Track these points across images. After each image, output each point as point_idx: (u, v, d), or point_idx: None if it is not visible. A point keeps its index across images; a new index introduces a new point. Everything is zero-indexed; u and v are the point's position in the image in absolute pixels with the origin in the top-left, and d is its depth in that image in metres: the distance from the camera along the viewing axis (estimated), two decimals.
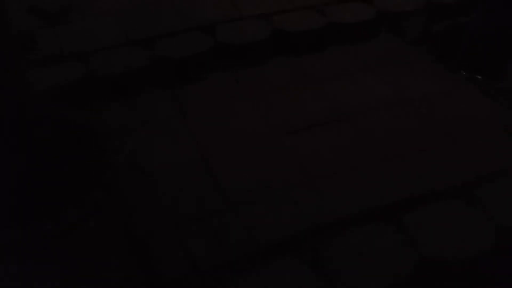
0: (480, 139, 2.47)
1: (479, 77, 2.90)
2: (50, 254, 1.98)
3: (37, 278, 1.89)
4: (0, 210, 2.09)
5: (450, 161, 2.34)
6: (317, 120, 2.58)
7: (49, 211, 2.09)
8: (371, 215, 2.08)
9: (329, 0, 3.31)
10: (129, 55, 2.87)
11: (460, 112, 2.64)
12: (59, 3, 3.24)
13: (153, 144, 2.46)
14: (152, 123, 2.59)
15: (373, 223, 2.02)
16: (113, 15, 3.20)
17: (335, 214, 2.09)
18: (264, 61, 3.00)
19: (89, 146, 2.44)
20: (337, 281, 1.82)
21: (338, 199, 2.16)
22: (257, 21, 3.12)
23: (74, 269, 1.94)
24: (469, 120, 2.59)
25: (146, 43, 2.95)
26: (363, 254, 1.91)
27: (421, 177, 2.25)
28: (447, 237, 1.95)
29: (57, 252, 1.99)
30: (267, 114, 2.63)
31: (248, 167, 2.33)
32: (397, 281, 1.82)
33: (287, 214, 2.10)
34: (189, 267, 1.92)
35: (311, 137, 2.48)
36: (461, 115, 2.62)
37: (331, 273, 1.84)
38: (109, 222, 2.10)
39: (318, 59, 3.02)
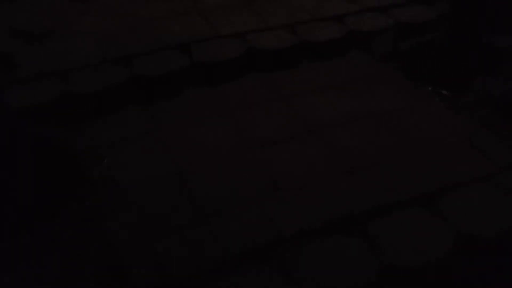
0: (444, 151, 2.58)
1: (444, 92, 3.03)
2: (25, 265, 2.04)
3: None
4: None
5: (415, 172, 2.44)
6: (288, 135, 2.68)
7: (24, 224, 2.15)
8: (338, 225, 2.16)
9: (301, 20, 3.44)
10: (106, 73, 2.95)
11: (426, 125, 2.75)
12: (41, 25, 3.33)
13: (129, 159, 2.53)
14: (128, 139, 2.66)
15: (339, 232, 2.11)
16: (92, 35, 3.29)
17: (303, 225, 2.17)
18: (238, 78, 3.10)
19: (65, 162, 2.50)
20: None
21: (306, 210, 2.25)
22: (231, 40, 3.23)
23: (49, 279, 2.00)
24: (434, 133, 2.70)
25: (124, 61, 3.04)
26: (328, 262, 1.99)
27: (386, 188, 2.35)
28: (409, 245, 2.04)
29: (33, 263, 2.04)
30: (240, 128, 2.72)
31: (221, 180, 2.41)
32: (361, 287, 1.91)
33: (257, 225, 2.18)
34: (161, 277, 1.98)
35: (282, 150, 2.58)
36: (427, 128, 2.73)
37: (298, 280, 1.92)
38: (84, 234, 2.16)
39: (290, 76, 3.13)
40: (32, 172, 2.33)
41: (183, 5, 3.64)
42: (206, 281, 1.97)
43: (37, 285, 1.98)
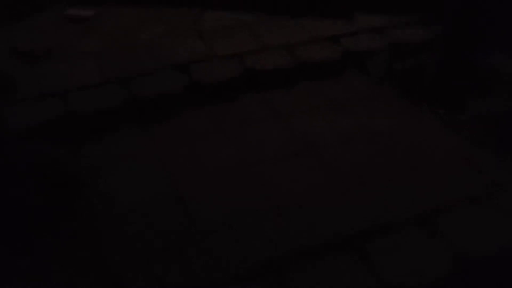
0: (440, 170, 2.60)
1: (440, 110, 3.06)
2: (24, 284, 2.04)
3: None
4: None
5: (412, 191, 2.46)
6: (285, 153, 2.71)
7: (23, 240, 2.16)
8: (336, 245, 2.18)
9: (298, 40, 3.49)
10: (105, 93, 2.99)
11: (422, 144, 2.78)
12: (41, 46, 3.37)
13: (127, 178, 2.55)
14: (126, 158, 2.69)
15: (337, 252, 2.13)
16: (91, 56, 3.33)
17: (302, 243, 2.19)
18: (236, 98, 3.14)
19: (64, 181, 2.52)
20: None
21: (304, 228, 2.26)
22: (229, 61, 3.27)
23: None
24: (430, 152, 2.73)
25: (123, 82, 3.08)
26: (326, 281, 2.00)
27: (383, 208, 2.37)
28: (407, 265, 2.06)
29: (31, 282, 2.05)
30: (238, 148, 2.75)
31: (219, 198, 2.43)
32: None
33: (255, 243, 2.20)
34: None
35: (280, 170, 2.60)
36: (423, 147, 2.76)
37: None
38: (81, 253, 2.17)
39: (287, 95, 3.17)
40: (31, 190, 2.35)
41: (182, 26, 3.70)
42: None
43: None
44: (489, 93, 3.18)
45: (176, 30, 3.65)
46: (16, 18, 3.75)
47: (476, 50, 3.32)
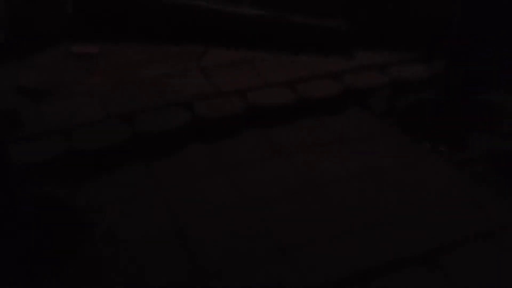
0: (443, 208, 2.60)
1: (442, 147, 3.07)
2: None
3: None
4: None
5: (414, 230, 2.45)
6: (289, 192, 2.70)
7: (30, 282, 2.15)
8: (341, 284, 2.16)
9: (300, 77, 3.53)
10: (109, 130, 3.00)
11: (425, 182, 2.78)
12: (47, 83, 3.41)
13: (130, 216, 2.55)
14: (130, 196, 2.68)
15: None
16: (96, 93, 3.37)
17: (307, 284, 2.17)
18: (239, 134, 3.16)
19: (68, 219, 2.52)
20: None
21: (309, 269, 2.24)
22: (232, 97, 3.31)
23: None
24: (433, 189, 2.73)
25: (126, 119, 3.10)
26: None
27: (387, 245, 2.36)
28: None
29: None
30: (241, 185, 2.75)
31: (222, 238, 2.42)
32: None
33: (261, 285, 2.18)
34: None
35: (283, 208, 2.60)
36: (426, 185, 2.76)
37: None
38: None
39: (289, 132, 3.19)
40: (34, 229, 2.35)
41: (185, 63, 3.74)
42: None
43: None
44: (491, 131, 3.19)
45: (180, 67, 3.70)
46: (22, 55, 3.81)
47: (477, 87, 3.35)
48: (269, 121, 3.25)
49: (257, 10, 3.85)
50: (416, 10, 3.82)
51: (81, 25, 3.99)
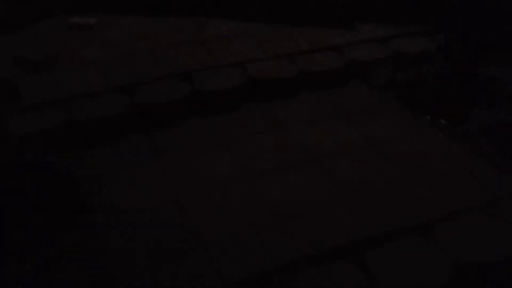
0: (442, 180, 2.60)
1: (442, 121, 3.06)
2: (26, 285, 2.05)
3: None
4: None
5: (412, 201, 2.46)
6: (287, 164, 2.70)
7: (27, 249, 2.16)
8: (336, 253, 2.17)
9: (300, 50, 3.50)
10: (108, 102, 2.99)
11: (424, 155, 2.78)
12: (45, 53, 3.38)
13: (129, 187, 2.55)
14: (129, 167, 2.69)
15: (338, 260, 2.12)
16: (95, 64, 3.35)
17: (301, 253, 2.18)
18: (238, 107, 3.14)
19: (67, 189, 2.53)
20: None
21: (305, 238, 2.25)
22: (231, 69, 3.28)
23: None
24: (431, 162, 2.72)
25: (126, 90, 3.09)
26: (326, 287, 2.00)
27: (384, 216, 2.36)
28: (407, 273, 2.05)
29: (32, 284, 2.05)
30: (240, 157, 2.75)
31: (220, 208, 2.42)
32: None
33: (256, 253, 2.19)
34: None
35: (281, 180, 2.60)
36: (425, 157, 2.75)
37: None
38: (83, 260, 2.17)
39: (289, 105, 3.17)
40: (33, 198, 2.35)
41: (185, 35, 3.71)
42: None
43: None
44: (491, 104, 3.18)
45: (180, 38, 3.67)
46: (20, 26, 3.77)
47: (478, 61, 3.32)
48: (269, 94, 3.23)
49: None
50: None
51: None
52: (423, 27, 3.78)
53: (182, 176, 2.62)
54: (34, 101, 2.96)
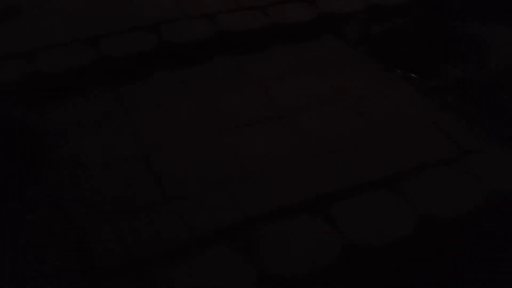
0: (410, 135, 2.60)
1: (413, 75, 3.05)
2: None
3: None
4: None
5: (379, 155, 2.46)
6: (256, 118, 2.67)
7: None
8: (302, 207, 2.18)
9: (273, 1, 3.42)
10: (74, 53, 2.91)
11: (393, 109, 2.77)
12: (6, 3, 3.26)
13: (95, 141, 2.51)
14: (95, 121, 2.63)
15: (303, 214, 2.12)
16: (59, 14, 3.23)
17: (268, 206, 2.18)
18: (207, 60, 3.08)
19: (31, 143, 2.47)
20: (265, 267, 1.91)
21: (271, 192, 2.25)
22: (201, 20, 3.20)
23: (12, 261, 1.98)
24: (401, 116, 2.72)
25: (91, 41, 3.00)
26: (291, 242, 2.00)
27: (351, 170, 2.37)
28: (371, 225, 2.07)
29: None
30: (208, 111, 2.71)
31: (187, 162, 2.40)
32: (322, 267, 1.93)
33: (222, 207, 2.18)
34: (124, 258, 1.98)
35: (249, 134, 2.57)
36: (394, 112, 2.75)
37: (260, 260, 1.94)
38: (47, 216, 2.14)
39: (260, 59, 3.11)
40: None
41: None
42: (170, 261, 1.97)
43: None
44: (464, 60, 3.16)
45: None
46: None
47: (452, 15, 3.29)
48: (239, 46, 3.17)
49: None
50: None
51: None
52: None
53: (149, 129, 2.58)
54: None
